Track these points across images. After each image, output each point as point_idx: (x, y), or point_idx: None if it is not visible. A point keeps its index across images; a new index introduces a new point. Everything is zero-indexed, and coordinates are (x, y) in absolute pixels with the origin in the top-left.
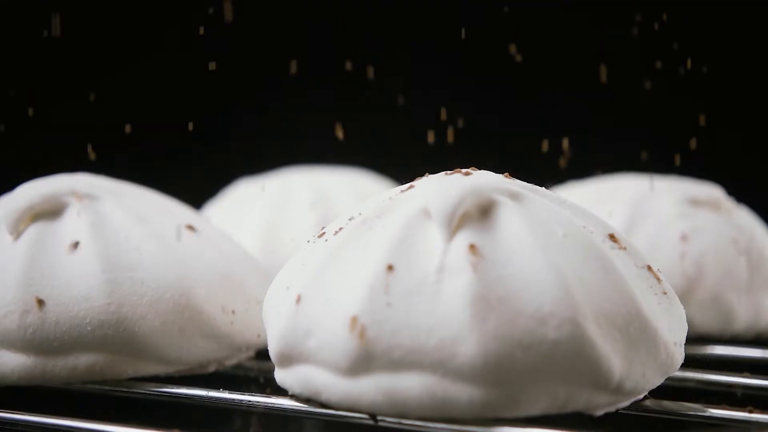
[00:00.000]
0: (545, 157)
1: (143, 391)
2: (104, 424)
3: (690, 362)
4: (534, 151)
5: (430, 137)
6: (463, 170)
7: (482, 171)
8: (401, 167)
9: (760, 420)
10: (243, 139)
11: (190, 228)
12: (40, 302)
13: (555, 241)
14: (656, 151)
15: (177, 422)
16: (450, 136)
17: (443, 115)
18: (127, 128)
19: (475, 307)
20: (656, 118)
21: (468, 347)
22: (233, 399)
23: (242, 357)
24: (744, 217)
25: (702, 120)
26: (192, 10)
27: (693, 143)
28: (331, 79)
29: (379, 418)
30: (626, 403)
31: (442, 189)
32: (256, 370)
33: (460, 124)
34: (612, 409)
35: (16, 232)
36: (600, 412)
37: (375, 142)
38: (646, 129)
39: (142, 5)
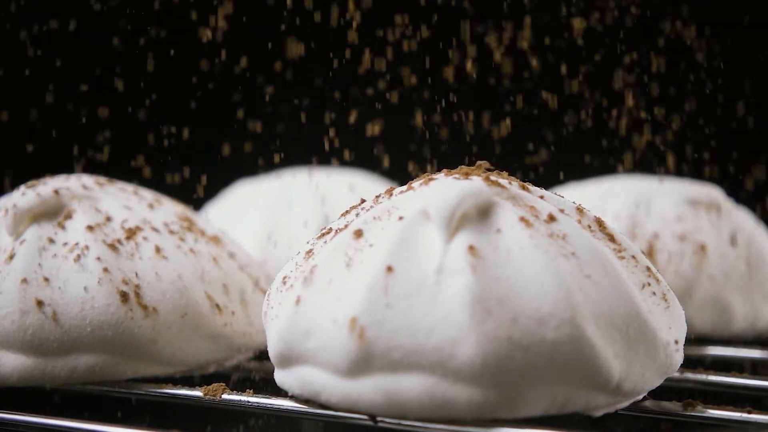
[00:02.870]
0: (545, 158)
1: (143, 392)
2: (104, 424)
3: (689, 363)
4: (534, 152)
5: (427, 135)
6: (463, 170)
7: (482, 171)
8: (401, 167)
9: (759, 420)
10: (243, 139)
11: (191, 230)
12: (40, 303)
13: (554, 242)
14: (656, 152)
15: (177, 422)
16: (449, 137)
17: (443, 116)
18: (127, 129)
19: (475, 307)
20: (657, 118)
21: (467, 348)
22: (233, 399)
23: (241, 358)
24: (743, 218)
25: (703, 121)
26: (193, 13)
27: (694, 144)
28: (331, 79)
29: (378, 418)
30: (625, 403)
31: (442, 190)
32: (255, 371)
33: (460, 124)
34: (611, 409)
35: (16, 233)
36: (599, 413)
37: (374, 142)
38: (646, 130)
39: (144, 8)
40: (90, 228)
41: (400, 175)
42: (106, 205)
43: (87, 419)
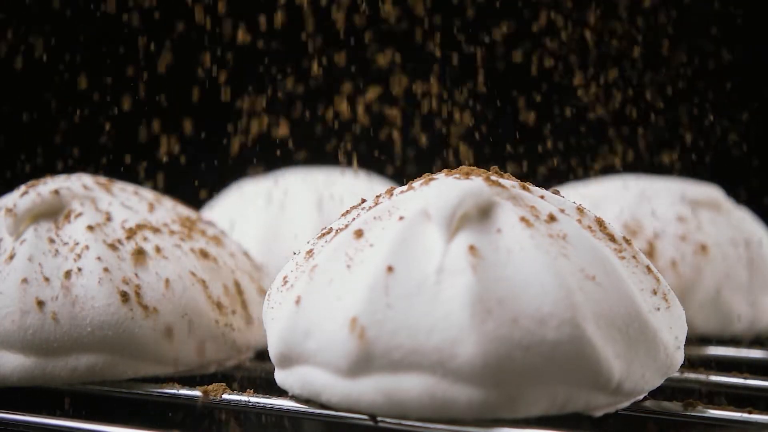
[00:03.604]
0: (546, 158)
1: (143, 392)
2: (104, 424)
3: (689, 363)
4: (535, 152)
5: (423, 136)
6: (464, 170)
7: (482, 171)
8: (401, 167)
9: (759, 421)
10: (243, 139)
11: (191, 230)
12: (40, 303)
13: (554, 242)
14: (656, 152)
15: (177, 422)
16: (450, 137)
17: (443, 116)
18: (127, 130)
19: (475, 307)
20: (658, 119)
21: (467, 348)
22: (233, 399)
23: (242, 358)
24: (744, 217)
25: (703, 121)
26: (194, 14)
27: (694, 144)
28: (332, 79)
29: (378, 418)
30: (626, 403)
31: (442, 190)
32: (256, 370)
33: (461, 124)
34: (612, 409)
35: (16, 233)
36: (599, 413)
37: (375, 142)
38: (647, 130)
39: (145, 9)
40: (90, 228)
41: (400, 176)
42: (106, 205)
43: (87, 419)
